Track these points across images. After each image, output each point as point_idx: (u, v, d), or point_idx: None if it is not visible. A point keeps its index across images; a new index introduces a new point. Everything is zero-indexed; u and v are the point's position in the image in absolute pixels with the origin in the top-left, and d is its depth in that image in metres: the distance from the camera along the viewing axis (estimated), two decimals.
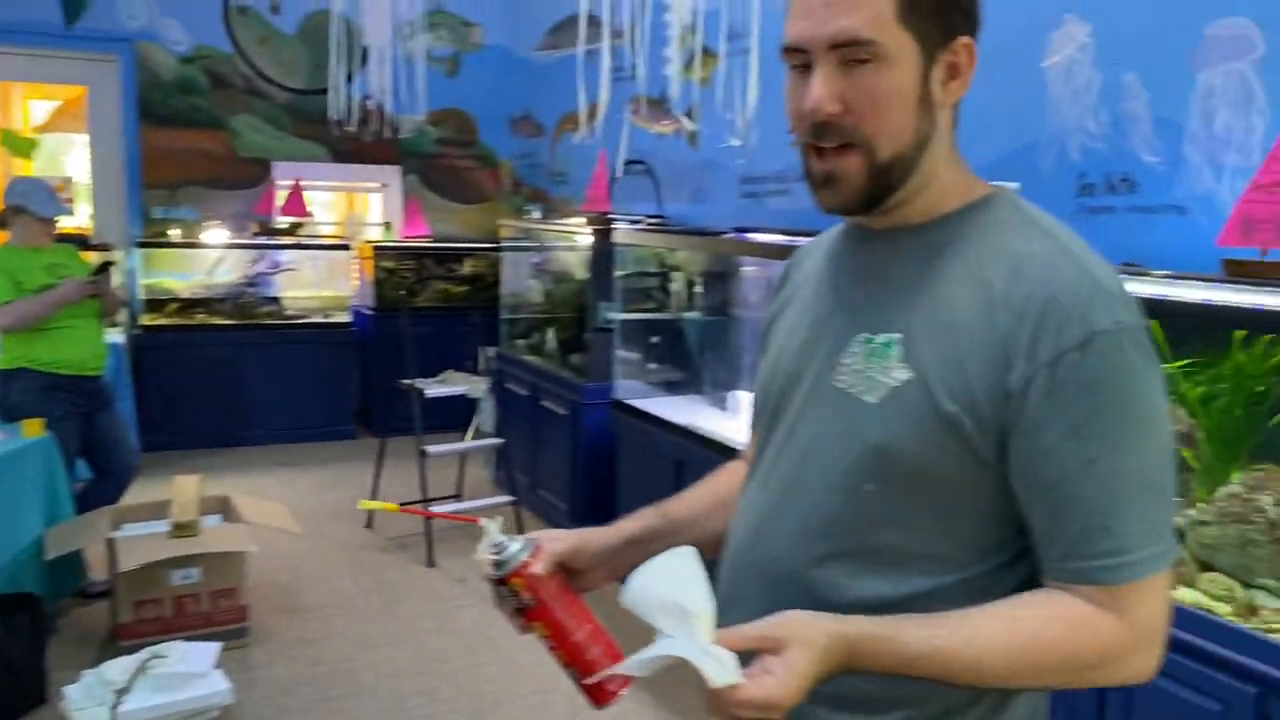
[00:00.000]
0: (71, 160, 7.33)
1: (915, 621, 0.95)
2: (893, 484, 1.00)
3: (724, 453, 3.45)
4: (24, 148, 6.19)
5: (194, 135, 6.28)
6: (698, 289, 4.40)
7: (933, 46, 1.00)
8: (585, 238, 4.61)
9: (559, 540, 1.14)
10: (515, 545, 1.09)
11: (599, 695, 1.03)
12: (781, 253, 3.53)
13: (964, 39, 1.02)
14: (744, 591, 1.12)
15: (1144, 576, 0.94)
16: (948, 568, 1.01)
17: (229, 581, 3.42)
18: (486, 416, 5.56)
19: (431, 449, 4.40)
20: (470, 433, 5.13)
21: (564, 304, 4.98)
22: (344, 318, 6.38)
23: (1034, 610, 0.96)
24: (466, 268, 6.73)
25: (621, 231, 4.27)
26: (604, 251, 4.41)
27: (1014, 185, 2.71)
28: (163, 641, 3.01)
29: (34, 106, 7.97)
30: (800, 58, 1.01)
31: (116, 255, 5.66)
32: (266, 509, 3.74)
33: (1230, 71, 2.47)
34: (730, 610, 1.05)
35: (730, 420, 3.80)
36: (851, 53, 0.98)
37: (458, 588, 4.06)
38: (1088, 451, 0.94)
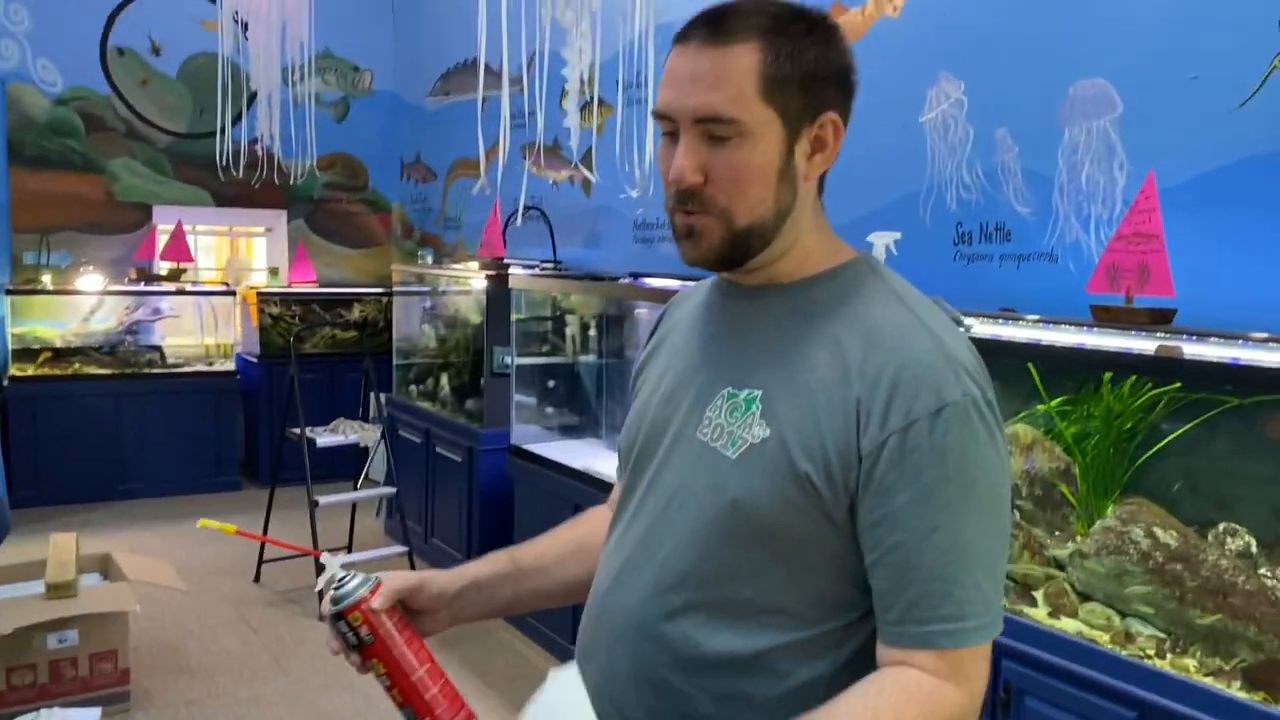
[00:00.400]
0: None
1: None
2: (749, 539, 1.01)
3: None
4: None
5: (68, 179, 6.06)
6: (593, 333, 4.44)
7: (797, 123, 1.02)
8: (480, 282, 4.60)
9: (399, 578, 1.14)
10: (354, 581, 1.09)
11: None
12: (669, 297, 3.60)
13: (831, 114, 1.03)
14: (599, 640, 1.12)
15: (978, 643, 0.97)
16: (800, 623, 1.02)
17: (109, 644, 3.27)
18: (378, 464, 5.48)
19: (323, 499, 4.30)
20: (360, 481, 5.03)
21: (458, 349, 4.95)
22: (228, 365, 6.21)
23: (888, 697, 0.96)
24: (355, 313, 6.63)
25: (517, 276, 4.28)
26: (499, 296, 4.41)
27: (894, 235, 2.82)
28: (35, 708, 2.85)
29: None
30: (669, 124, 1.03)
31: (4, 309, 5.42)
32: (150, 566, 3.60)
33: (1093, 128, 2.64)
34: (586, 661, 1.07)
35: None
36: (714, 128, 1.00)
37: None
38: (932, 519, 0.96)
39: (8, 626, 3.00)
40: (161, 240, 6.10)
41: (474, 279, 4.72)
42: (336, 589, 1.09)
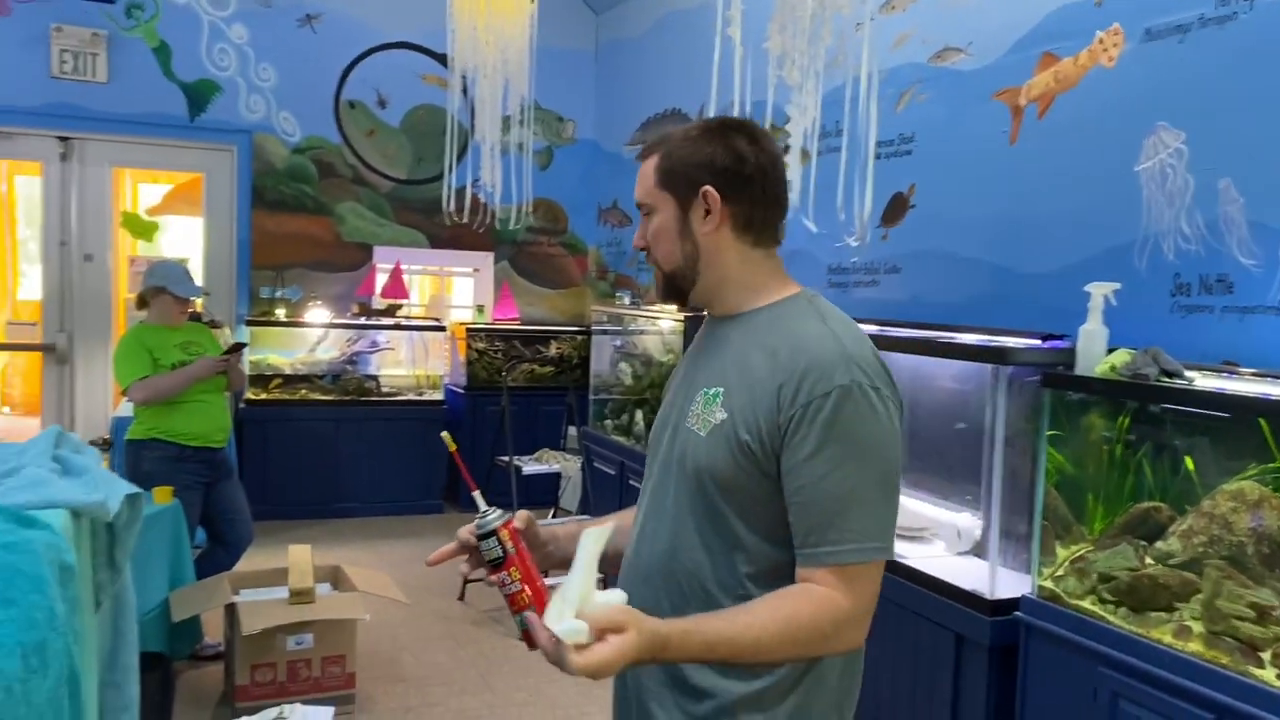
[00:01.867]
0: (170, 240, 7.76)
1: (713, 617, 1.30)
2: (714, 493, 1.39)
3: None
4: (145, 230, 6.59)
5: (301, 220, 6.64)
6: None
7: (684, 198, 1.45)
8: (675, 323, 4.77)
9: (523, 516, 1.45)
10: (497, 512, 1.38)
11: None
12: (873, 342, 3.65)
13: (707, 188, 1.43)
14: (630, 586, 1.47)
15: (858, 562, 1.30)
16: (758, 556, 1.39)
17: (339, 648, 3.56)
18: (570, 494, 5.71)
19: None
20: (554, 510, 5.27)
21: (653, 387, 5.13)
22: (437, 395, 6.62)
23: (790, 598, 1.31)
24: (553, 349, 6.95)
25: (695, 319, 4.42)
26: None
27: (1113, 285, 2.78)
28: (276, 704, 3.15)
29: (143, 190, 8.50)
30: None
31: (219, 338, 5.98)
32: (374, 578, 3.90)
33: None
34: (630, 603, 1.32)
35: None
36: (644, 209, 1.51)
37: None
38: (823, 469, 1.31)
39: (256, 626, 3.32)
40: (381, 278, 6.59)
41: (669, 320, 4.89)
42: (482, 518, 1.37)
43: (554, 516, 5.11)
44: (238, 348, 4.03)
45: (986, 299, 3.74)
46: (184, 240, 7.39)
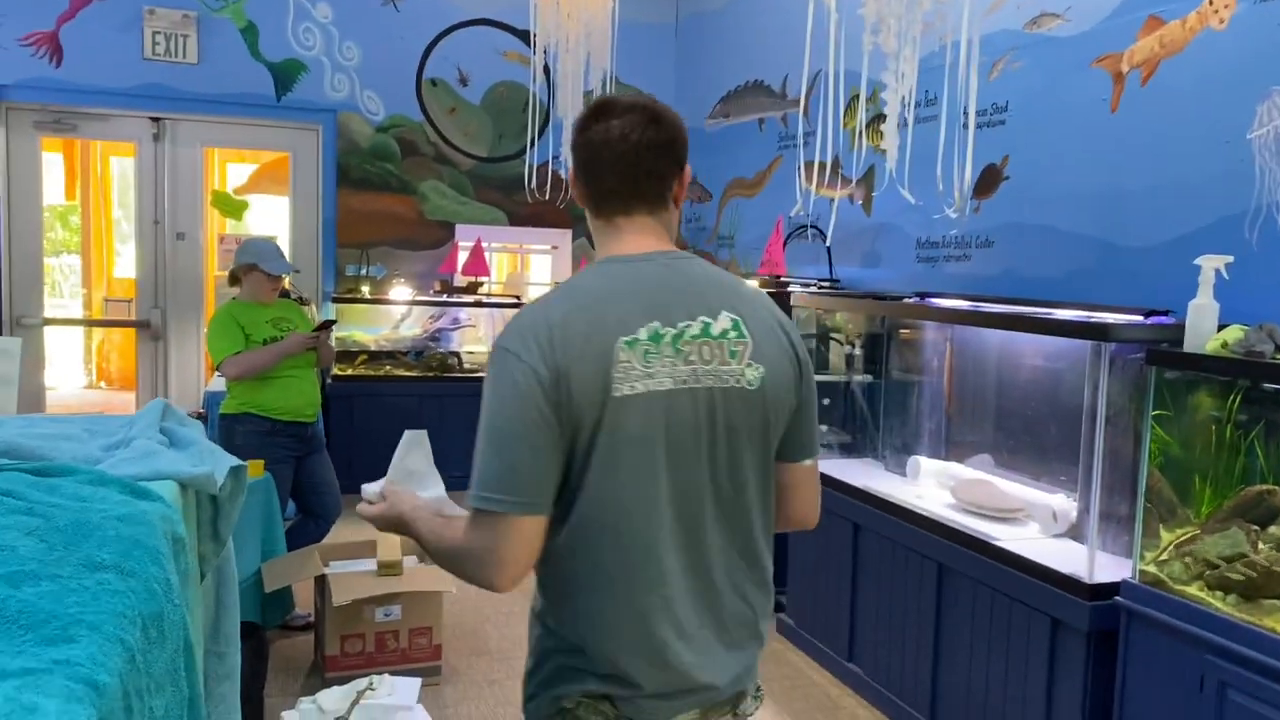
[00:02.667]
0: (257, 219, 7.90)
1: (436, 519, 1.51)
2: None
3: (905, 516, 3.47)
4: (235, 209, 6.73)
5: (385, 199, 6.71)
6: (870, 352, 4.45)
7: None
8: None
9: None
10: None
11: None
12: (965, 318, 3.56)
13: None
14: None
15: (473, 507, 1.40)
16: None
17: (426, 620, 3.61)
18: None
19: None
20: None
21: None
22: None
23: (455, 524, 1.46)
24: None
25: (799, 294, 4.36)
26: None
27: (1225, 259, 2.66)
28: (366, 675, 3.20)
29: (230, 169, 8.68)
30: None
31: (310, 315, 6.07)
32: None
33: None
34: None
35: (911, 486, 3.81)
36: None
37: None
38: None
39: (346, 598, 3.38)
40: (462, 256, 6.64)
41: None
42: None
43: None
44: (327, 324, 4.10)
45: (1084, 274, 3.62)
46: (271, 219, 7.54)
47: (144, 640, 1.03)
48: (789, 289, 4.63)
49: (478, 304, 6.66)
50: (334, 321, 4.20)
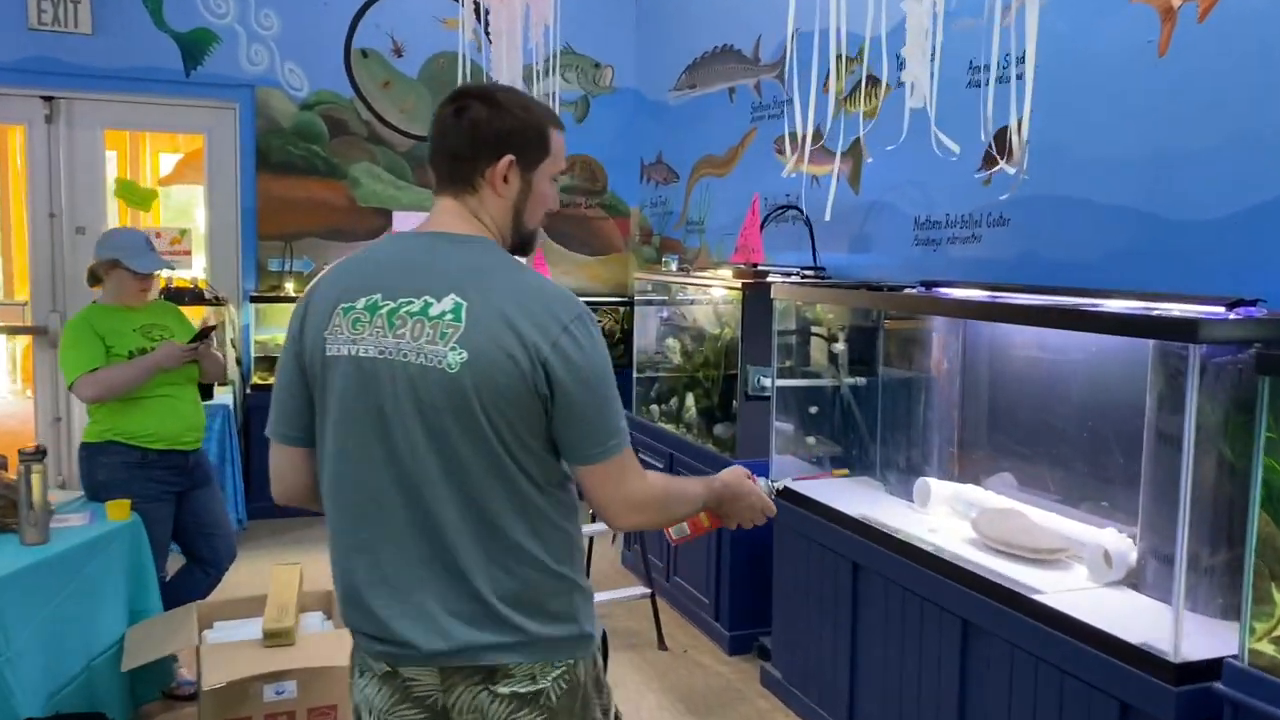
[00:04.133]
0: (173, 210, 7.16)
1: None
2: None
3: (916, 557, 2.82)
4: (142, 199, 5.97)
5: (312, 184, 5.98)
6: (863, 352, 3.80)
7: None
8: (730, 291, 4.05)
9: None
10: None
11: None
12: (981, 311, 2.91)
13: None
14: None
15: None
16: None
17: (328, 698, 2.91)
18: None
19: None
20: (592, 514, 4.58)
21: (706, 366, 4.42)
22: None
23: None
24: None
25: (780, 286, 3.70)
26: (758, 307, 3.84)
27: None
28: None
29: (163, 160, 7.92)
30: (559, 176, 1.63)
31: (220, 317, 5.38)
32: None
33: None
34: None
35: (920, 514, 3.16)
36: None
37: None
38: None
39: (222, 679, 2.69)
40: None
41: (722, 287, 4.18)
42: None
43: (595, 521, 4.43)
44: (207, 331, 3.38)
45: (1125, 255, 2.97)
46: (189, 210, 6.79)
47: None
48: (768, 278, 3.97)
49: None
50: (214, 328, 3.51)
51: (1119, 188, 2.99)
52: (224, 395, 5.22)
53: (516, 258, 1.57)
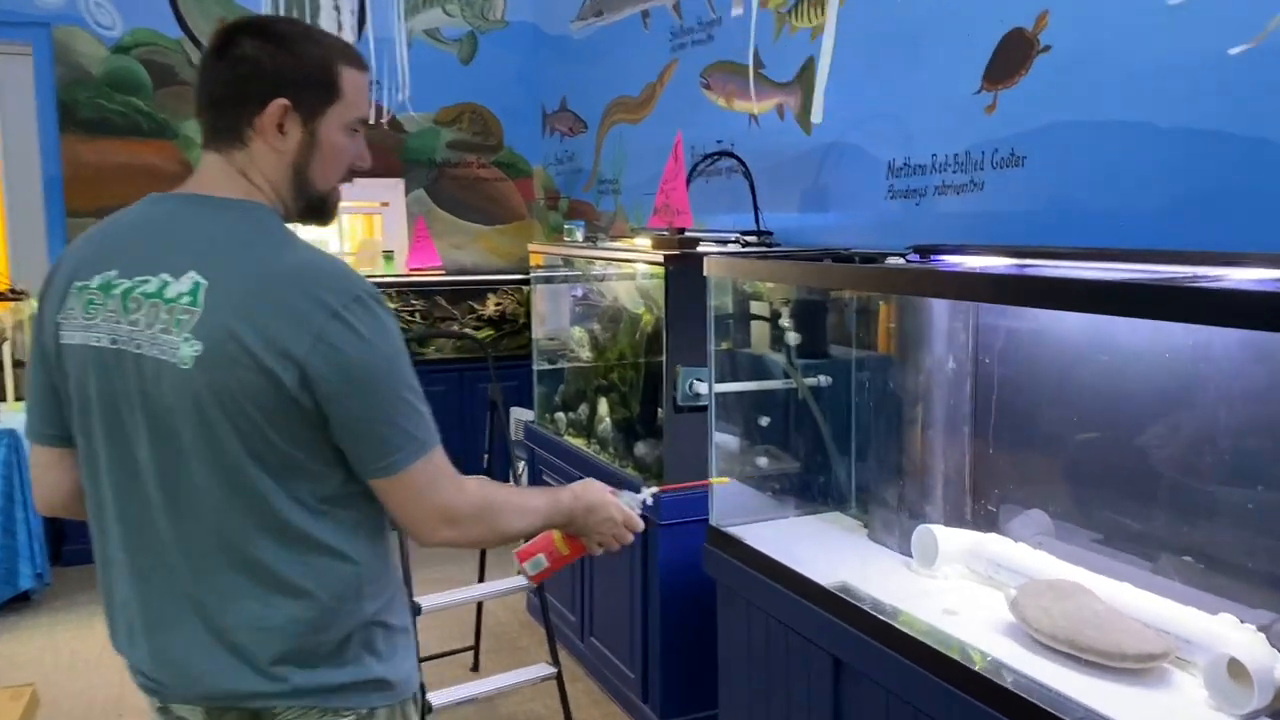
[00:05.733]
0: None
1: None
2: None
3: (932, 663, 1.88)
4: None
5: (133, 146, 4.85)
6: (827, 344, 2.85)
7: None
8: (653, 267, 3.07)
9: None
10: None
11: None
12: (1009, 289, 1.94)
13: None
14: None
15: None
16: None
17: None
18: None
19: (425, 602, 2.86)
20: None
21: (623, 367, 3.42)
22: None
23: None
24: (491, 306, 5.22)
25: (714, 259, 2.71)
26: (686, 289, 2.86)
27: None
28: None
29: None
30: (363, 126, 1.40)
31: (18, 315, 4.30)
32: None
33: None
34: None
35: (924, 579, 2.22)
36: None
37: None
38: None
39: None
40: None
41: (644, 262, 3.19)
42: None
43: (482, 577, 3.43)
44: None
45: (1209, 198, 2.05)
46: None
47: None
48: (698, 248, 2.99)
49: None
50: None
51: (1188, 104, 2.06)
52: (10, 414, 4.11)
53: (289, 226, 1.32)
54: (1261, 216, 1.93)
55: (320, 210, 1.39)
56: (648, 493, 1.74)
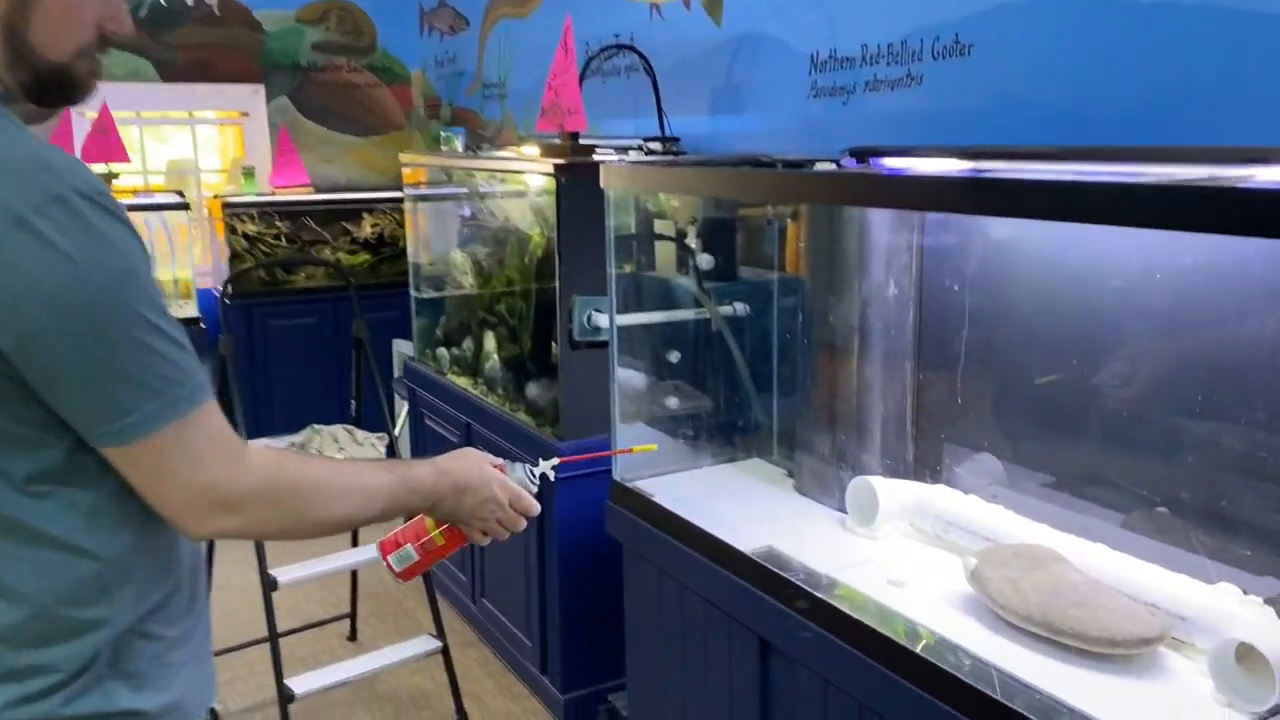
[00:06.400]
0: None
1: None
2: None
3: (875, 648, 1.57)
4: None
5: None
6: (741, 266, 2.49)
7: None
8: (544, 178, 2.65)
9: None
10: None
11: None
12: (969, 195, 1.59)
13: None
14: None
15: None
16: None
17: None
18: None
19: (282, 576, 2.46)
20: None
21: (511, 297, 3.00)
22: (190, 310, 4.37)
23: None
24: (367, 228, 4.72)
25: (613, 168, 2.30)
26: (582, 204, 2.46)
27: None
28: None
29: None
30: None
31: None
32: None
33: None
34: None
35: (863, 540, 1.91)
36: None
37: None
38: None
39: None
40: (81, 132, 4.23)
41: (532, 173, 2.76)
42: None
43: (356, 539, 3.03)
44: None
45: (1208, 90, 1.72)
46: None
47: None
48: (594, 156, 2.57)
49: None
50: None
51: None
52: None
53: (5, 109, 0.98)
54: (1271, 106, 1.61)
55: (61, 87, 1.07)
56: (547, 465, 1.38)
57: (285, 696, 2.42)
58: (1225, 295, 1.53)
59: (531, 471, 1.34)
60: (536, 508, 1.34)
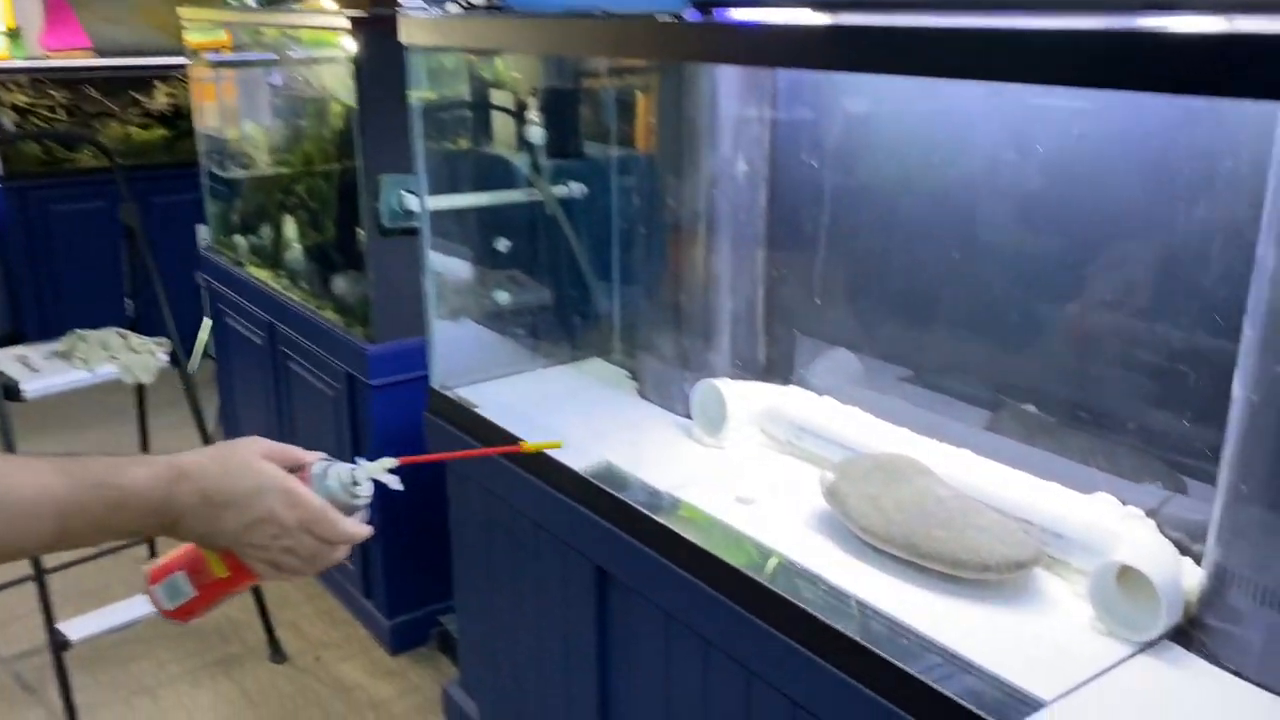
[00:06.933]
0: None
1: None
2: None
3: (712, 573, 1.39)
4: None
5: None
6: (575, 136, 2.20)
7: None
8: (343, 39, 2.27)
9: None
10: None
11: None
12: (826, 48, 1.33)
13: None
14: None
15: None
16: None
17: None
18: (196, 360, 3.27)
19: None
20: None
21: (312, 177, 2.61)
22: None
23: None
24: (160, 97, 4.17)
25: (417, 21, 1.95)
26: (389, 70, 2.10)
27: None
28: None
29: None
30: None
31: None
32: None
33: None
34: None
35: (709, 449, 1.71)
36: None
37: None
38: None
39: None
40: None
41: (329, 30, 2.37)
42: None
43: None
44: None
45: None
46: None
47: None
48: (398, 9, 2.20)
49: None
50: None
51: None
52: None
53: None
54: None
55: None
56: (376, 468, 0.96)
57: (58, 644, 2.10)
58: (1108, 169, 1.34)
59: (353, 473, 0.93)
60: (356, 532, 0.94)
